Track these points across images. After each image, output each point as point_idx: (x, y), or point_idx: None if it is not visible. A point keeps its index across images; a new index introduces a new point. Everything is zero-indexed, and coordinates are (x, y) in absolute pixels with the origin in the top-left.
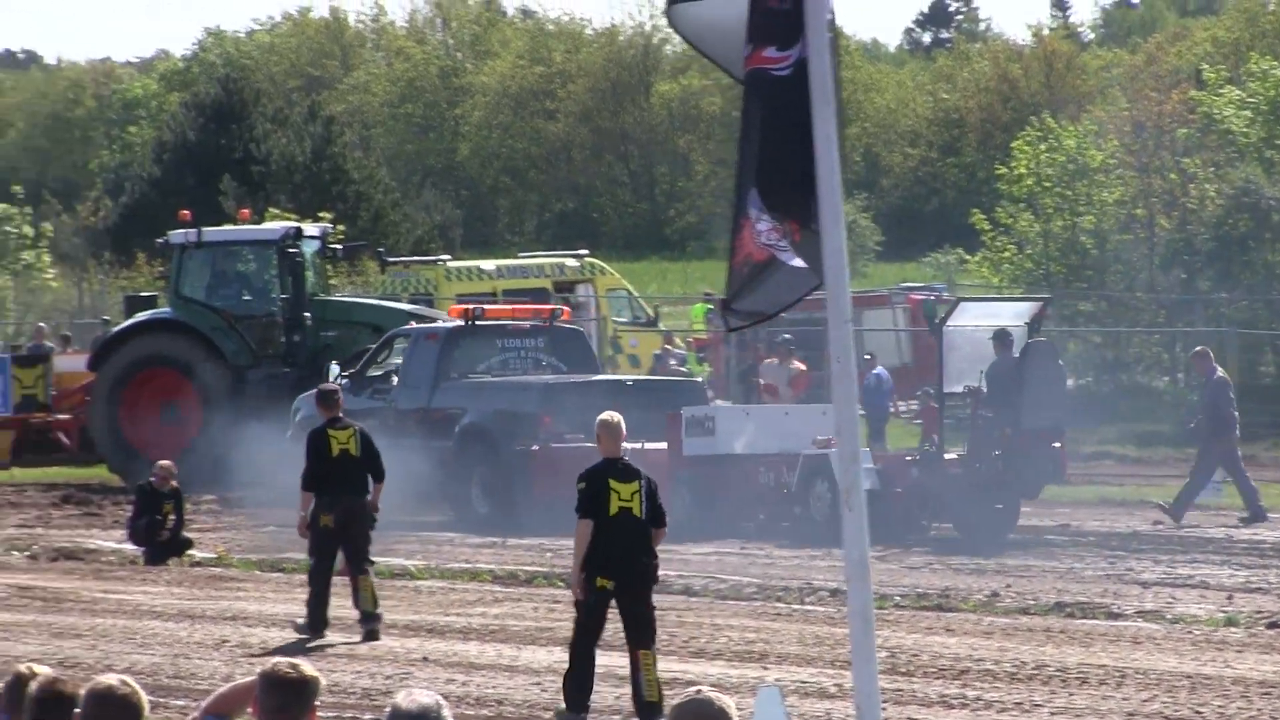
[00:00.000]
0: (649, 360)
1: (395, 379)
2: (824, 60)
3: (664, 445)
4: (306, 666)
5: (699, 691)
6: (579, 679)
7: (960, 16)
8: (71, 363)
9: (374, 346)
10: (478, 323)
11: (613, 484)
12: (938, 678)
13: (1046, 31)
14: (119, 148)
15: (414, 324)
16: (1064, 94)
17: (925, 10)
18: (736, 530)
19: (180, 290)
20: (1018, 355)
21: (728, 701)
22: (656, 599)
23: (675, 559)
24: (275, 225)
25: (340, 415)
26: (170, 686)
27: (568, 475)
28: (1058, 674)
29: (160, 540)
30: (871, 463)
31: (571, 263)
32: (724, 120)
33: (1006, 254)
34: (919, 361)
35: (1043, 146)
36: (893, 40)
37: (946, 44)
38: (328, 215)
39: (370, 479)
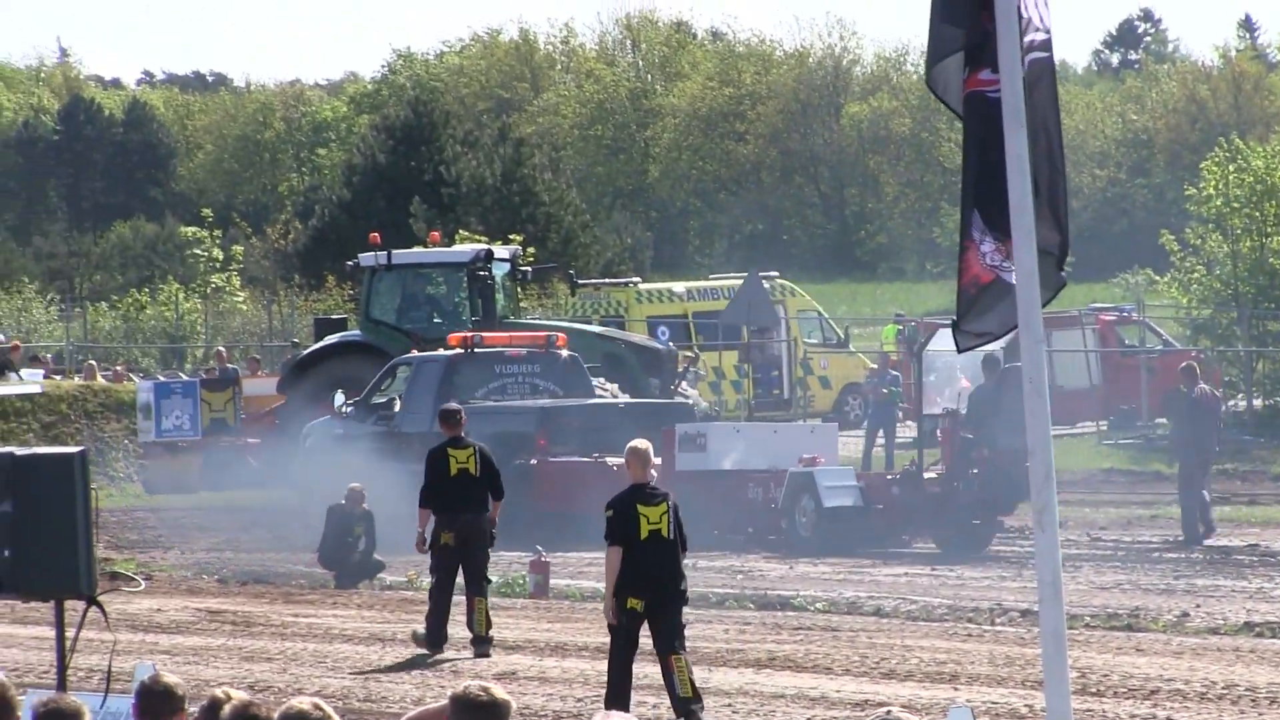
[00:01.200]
0: (839, 383)
1: (398, 404)
2: (1015, 81)
3: (658, 461)
4: (498, 690)
5: (889, 712)
6: (619, 697)
7: (1148, 38)
8: (261, 386)
9: (379, 374)
10: (476, 350)
11: (641, 509)
12: (1128, 698)
13: (1234, 53)
14: (308, 170)
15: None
16: (1252, 115)
17: (1113, 32)
18: (726, 543)
19: (370, 313)
20: (996, 379)
21: None
22: (850, 620)
23: (867, 580)
24: (465, 247)
25: (462, 435)
26: (361, 710)
27: (563, 489)
28: (1247, 694)
29: (351, 562)
30: (855, 480)
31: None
32: (913, 141)
33: (1196, 274)
34: (1109, 383)
35: (1231, 167)
36: (1081, 61)
37: (1135, 65)
38: (518, 238)
39: (490, 497)
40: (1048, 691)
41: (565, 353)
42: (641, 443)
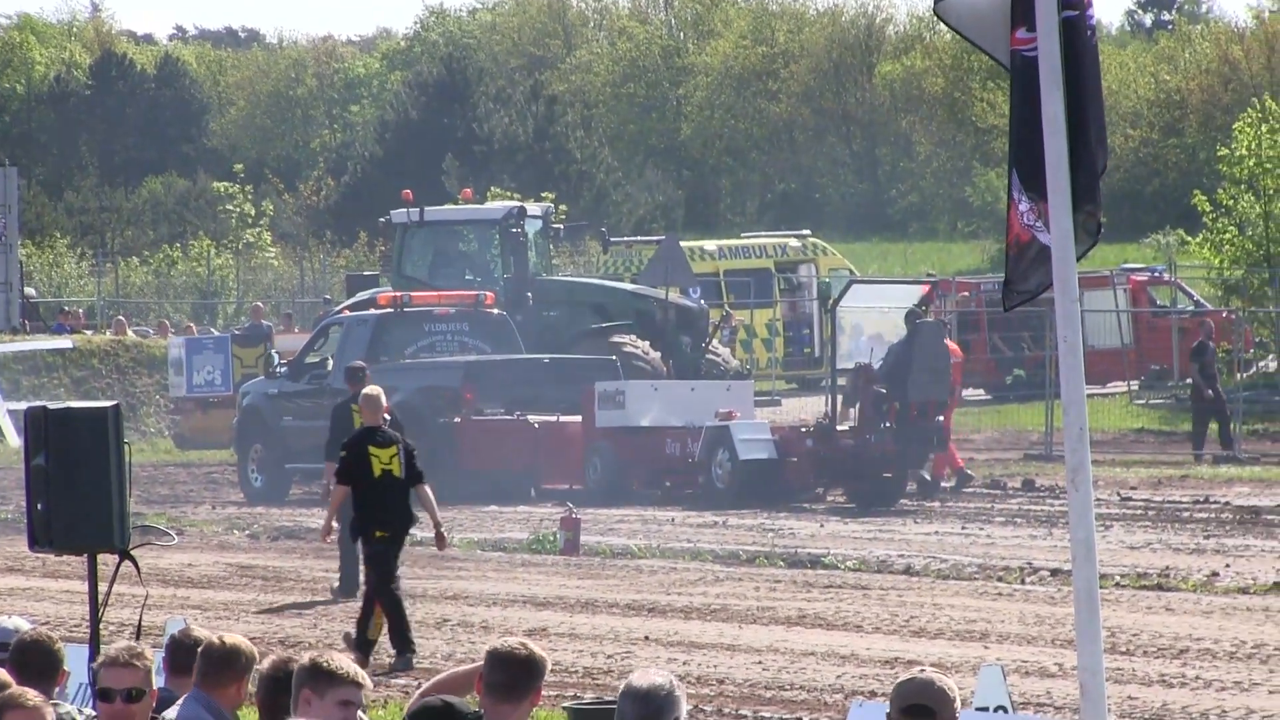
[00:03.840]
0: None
1: (330, 364)
2: (1051, 41)
3: (579, 418)
4: (535, 646)
5: (921, 671)
6: (398, 631)
7: None
8: (293, 341)
9: (312, 334)
10: (405, 309)
11: (372, 450)
12: (1157, 657)
13: (1268, 14)
14: (340, 127)
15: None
16: None
17: None
18: (644, 497)
19: (402, 269)
20: (906, 334)
21: (949, 682)
22: (880, 579)
23: (897, 538)
24: (498, 205)
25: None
26: (390, 666)
27: (490, 446)
28: (1276, 653)
29: None
30: (770, 434)
31: (794, 243)
32: (946, 101)
33: (1227, 235)
34: (1140, 343)
35: (1264, 128)
36: (1114, 21)
37: (1168, 26)
38: (550, 195)
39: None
40: (1080, 650)
41: (495, 311)
42: (373, 389)
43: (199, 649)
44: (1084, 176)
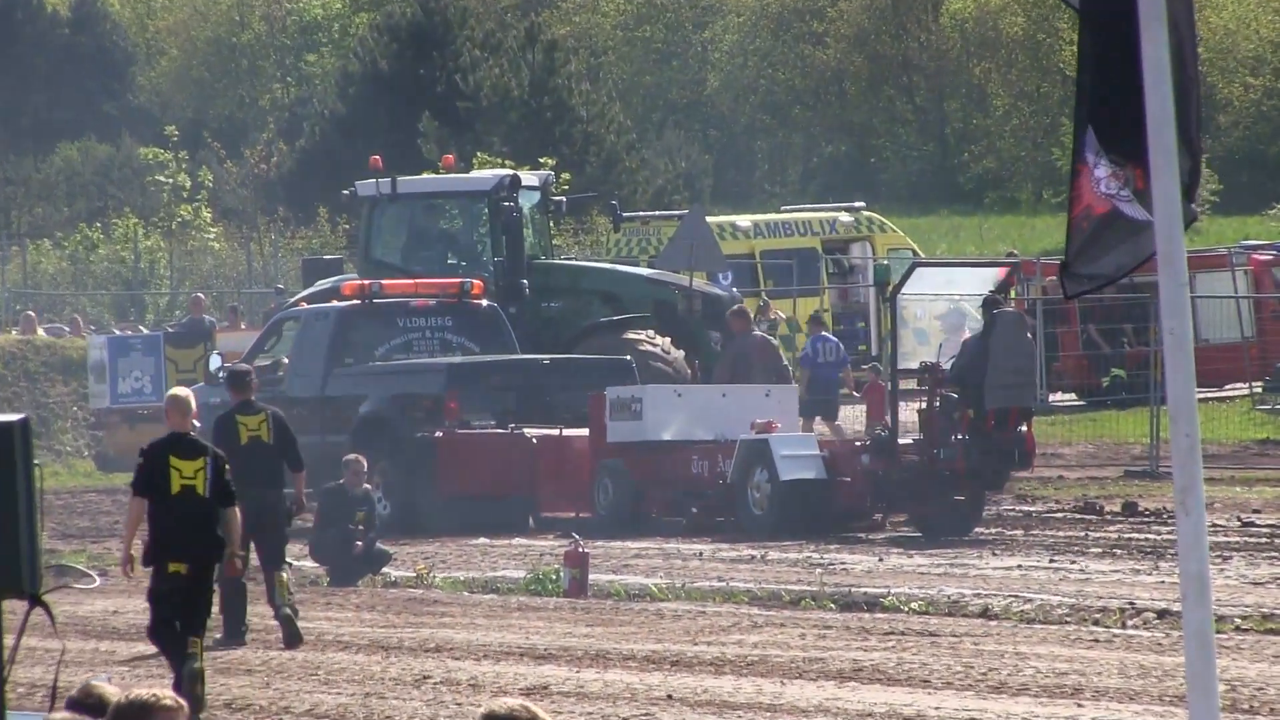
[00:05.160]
0: (937, 336)
1: (284, 368)
2: None
3: (586, 432)
4: (537, 708)
5: None
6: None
7: None
8: (239, 341)
9: (262, 331)
10: (375, 300)
11: (174, 460)
12: None
13: None
14: (295, 80)
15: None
16: None
17: None
18: (666, 527)
19: (370, 253)
20: (983, 327)
21: None
22: (952, 623)
23: (972, 574)
24: (486, 173)
25: (253, 399)
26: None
27: (478, 466)
28: None
29: (352, 555)
30: (817, 449)
31: (845, 218)
32: (1028, 44)
33: None
34: (1265, 336)
35: None
36: None
37: None
38: (550, 161)
39: (288, 468)
40: (1192, 706)
41: (484, 303)
42: (182, 391)
43: (111, 714)
44: (1182, 129)
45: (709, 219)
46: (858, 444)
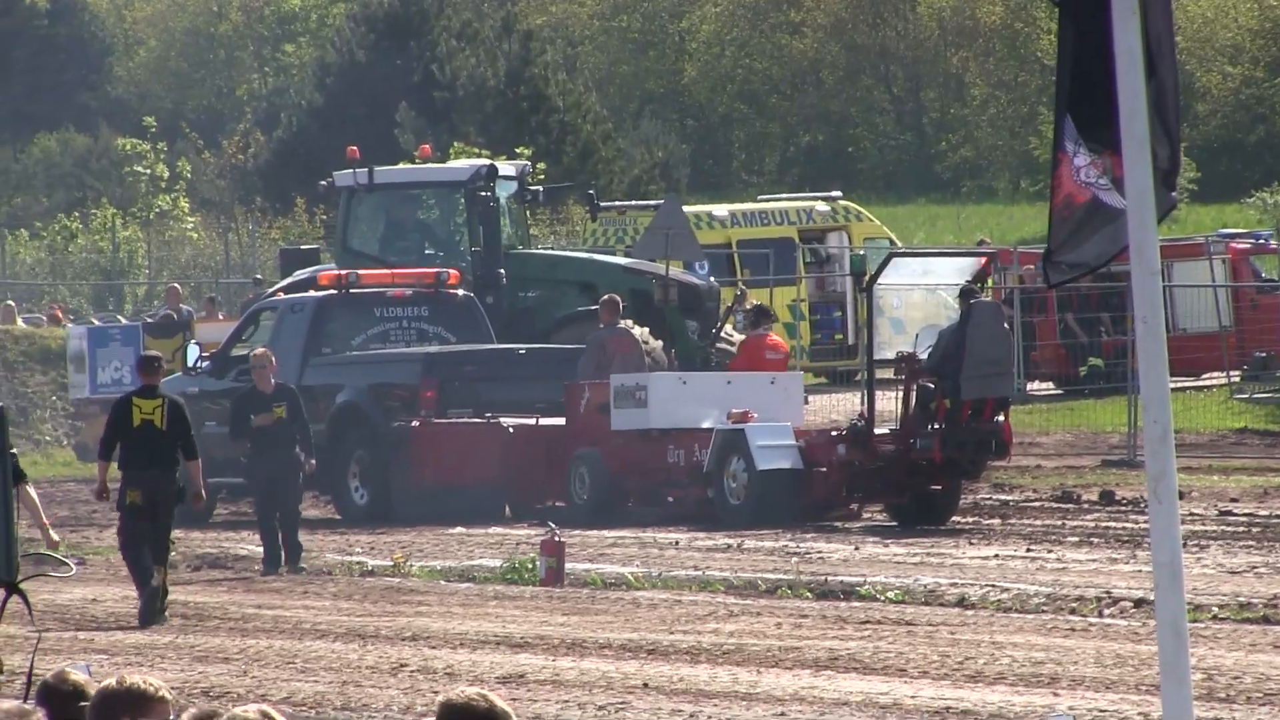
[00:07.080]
0: (914, 326)
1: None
2: None
3: (563, 420)
4: (496, 697)
5: None
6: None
7: None
8: (217, 331)
9: (239, 322)
10: (352, 290)
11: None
12: (1263, 704)
13: None
14: (272, 70)
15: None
16: None
17: None
18: (642, 516)
19: (347, 243)
20: (959, 317)
21: None
22: (928, 612)
23: (949, 563)
24: (463, 163)
25: (156, 385)
26: None
27: (455, 456)
28: None
29: (302, 478)
30: (793, 439)
31: (821, 207)
32: (1006, 33)
33: None
34: (1242, 325)
35: None
36: None
37: None
38: (526, 151)
39: (182, 456)
40: (1165, 696)
41: (460, 292)
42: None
43: (98, 698)
44: (1160, 118)
45: (686, 208)
46: (834, 433)
